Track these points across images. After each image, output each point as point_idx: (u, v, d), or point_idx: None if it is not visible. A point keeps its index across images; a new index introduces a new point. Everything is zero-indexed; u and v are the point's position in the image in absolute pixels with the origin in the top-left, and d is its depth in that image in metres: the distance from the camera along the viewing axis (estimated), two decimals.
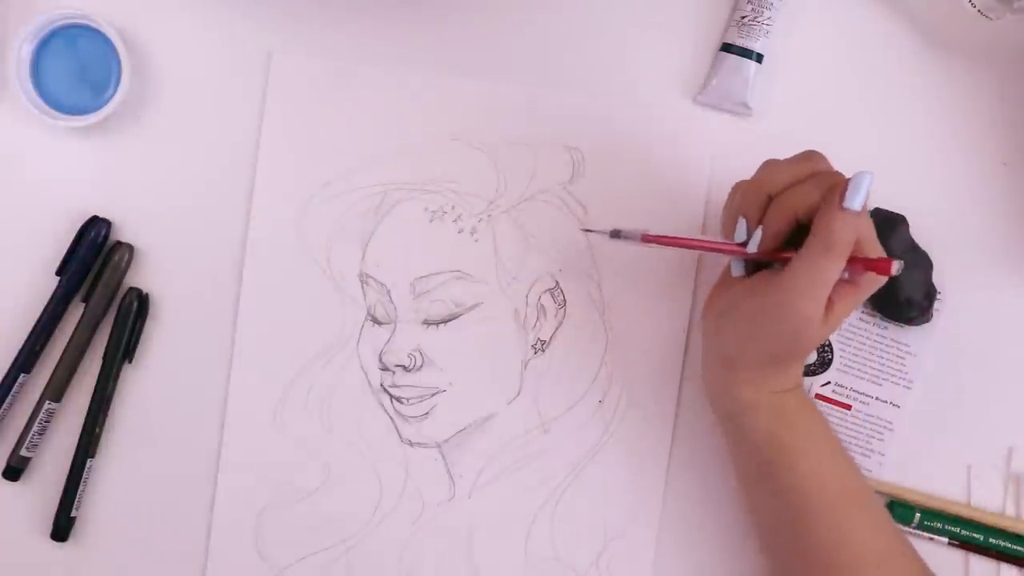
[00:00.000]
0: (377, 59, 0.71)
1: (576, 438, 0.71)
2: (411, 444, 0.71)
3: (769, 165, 0.62)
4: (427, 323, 0.71)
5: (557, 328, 0.71)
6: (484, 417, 0.71)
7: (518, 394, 0.71)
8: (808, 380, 0.72)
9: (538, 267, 0.71)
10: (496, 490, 0.71)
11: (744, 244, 0.61)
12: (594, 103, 0.71)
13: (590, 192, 0.71)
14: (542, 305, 0.71)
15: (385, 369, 0.71)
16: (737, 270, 0.64)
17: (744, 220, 0.61)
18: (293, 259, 0.71)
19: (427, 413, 0.71)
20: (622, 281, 0.71)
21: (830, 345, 0.72)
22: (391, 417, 0.71)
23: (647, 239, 0.64)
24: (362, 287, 0.71)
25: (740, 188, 0.62)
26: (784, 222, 0.60)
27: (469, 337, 0.71)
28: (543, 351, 0.71)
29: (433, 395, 0.71)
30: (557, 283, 0.71)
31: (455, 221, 0.71)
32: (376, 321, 0.71)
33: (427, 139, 0.71)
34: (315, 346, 0.71)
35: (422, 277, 0.71)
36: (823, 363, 0.72)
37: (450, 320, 0.71)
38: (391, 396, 0.71)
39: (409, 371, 0.71)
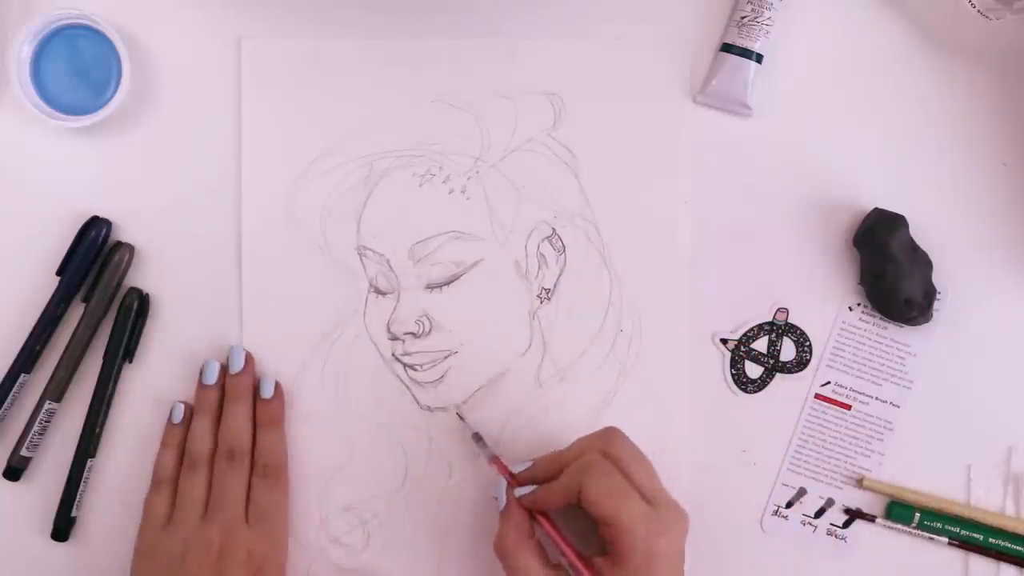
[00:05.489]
0: (346, 31, 0.71)
1: (593, 382, 0.71)
2: (430, 410, 0.71)
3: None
4: (430, 287, 0.71)
5: (560, 274, 0.71)
6: (499, 373, 0.71)
7: (530, 346, 0.71)
8: (804, 379, 0.72)
9: (533, 216, 0.71)
10: (521, 444, 0.71)
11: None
12: (571, 46, 0.71)
13: (575, 136, 0.71)
14: (542, 254, 0.71)
15: (394, 338, 0.71)
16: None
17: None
18: (289, 243, 0.71)
19: (442, 377, 0.71)
20: (618, 219, 0.71)
21: (809, 345, 0.71)
22: (407, 386, 0.71)
23: (494, 462, 0.68)
24: (361, 260, 0.71)
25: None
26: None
27: (474, 295, 0.71)
28: (549, 299, 0.71)
29: (445, 358, 0.71)
30: (554, 230, 0.71)
31: (444, 182, 0.71)
32: (379, 292, 0.71)
33: (406, 105, 0.71)
34: (322, 326, 0.71)
35: (419, 242, 0.71)
36: (800, 363, 0.72)
37: (452, 281, 0.71)
38: (404, 365, 0.71)
39: (418, 337, 0.71)
